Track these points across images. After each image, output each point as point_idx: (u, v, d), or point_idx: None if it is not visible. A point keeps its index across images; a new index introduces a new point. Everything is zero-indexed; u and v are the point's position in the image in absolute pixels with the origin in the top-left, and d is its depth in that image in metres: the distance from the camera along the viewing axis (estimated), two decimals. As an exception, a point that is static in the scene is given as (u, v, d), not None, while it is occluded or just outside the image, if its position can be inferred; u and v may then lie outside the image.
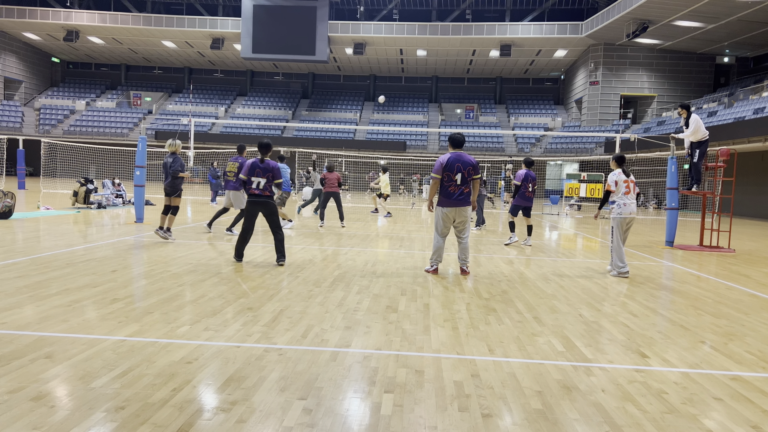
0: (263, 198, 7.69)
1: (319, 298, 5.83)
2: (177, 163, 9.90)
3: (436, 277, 7.33)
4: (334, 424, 2.94)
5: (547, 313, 5.57)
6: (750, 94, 30.83)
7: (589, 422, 3.10)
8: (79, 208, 15.90)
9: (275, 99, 51.90)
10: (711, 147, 14.72)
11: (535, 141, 44.78)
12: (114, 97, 51.66)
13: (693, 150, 11.63)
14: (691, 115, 11.44)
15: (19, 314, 4.69)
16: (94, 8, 46.29)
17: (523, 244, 11.44)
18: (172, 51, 48.89)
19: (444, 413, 3.13)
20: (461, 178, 7.42)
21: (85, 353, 3.83)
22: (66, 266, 6.88)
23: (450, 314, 5.36)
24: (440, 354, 4.15)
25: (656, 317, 5.62)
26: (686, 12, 31.27)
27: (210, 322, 4.73)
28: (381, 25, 42.40)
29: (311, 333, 4.54)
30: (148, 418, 2.90)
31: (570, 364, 4.04)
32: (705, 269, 9.11)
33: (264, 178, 7.68)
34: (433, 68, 50.18)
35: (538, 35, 40.73)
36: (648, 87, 41.02)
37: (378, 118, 49.41)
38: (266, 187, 7.70)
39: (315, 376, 3.60)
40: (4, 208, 12.02)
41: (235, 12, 46.35)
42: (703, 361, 4.28)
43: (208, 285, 6.21)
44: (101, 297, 5.41)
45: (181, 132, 35.06)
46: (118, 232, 10.75)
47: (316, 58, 43.45)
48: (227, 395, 3.25)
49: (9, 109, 46.00)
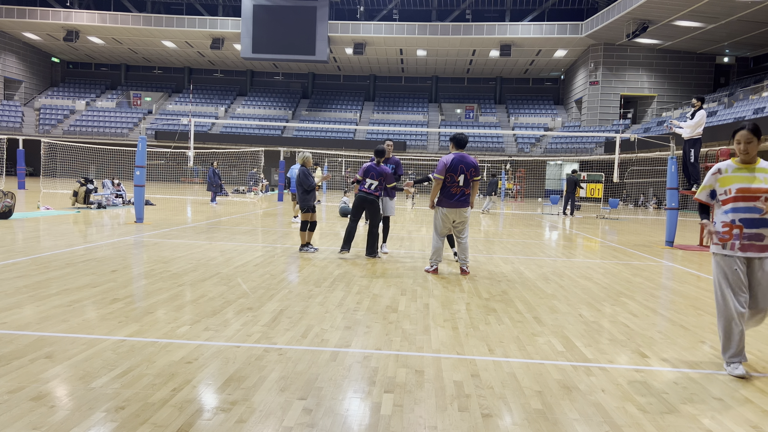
0: (372, 197, 8.63)
1: (319, 298, 5.83)
2: (306, 176, 9.09)
3: (436, 277, 7.33)
4: (334, 424, 2.94)
5: (547, 313, 5.57)
6: (750, 94, 30.84)
7: (589, 422, 3.10)
8: (79, 208, 15.90)
9: (275, 99, 51.91)
10: (711, 147, 14.73)
11: (535, 141, 44.79)
12: (114, 97, 51.66)
13: (688, 150, 11.81)
14: (701, 109, 11.70)
15: (19, 314, 4.69)
16: (94, 8, 46.31)
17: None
18: (172, 51, 48.90)
19: (444, 413, 3.13)
20: (464, 180, 7.43)
21: (85, 353, 3.83)
22: (66, 266, 6.88)
23: (450, 314, 5.36)
24: (440, 354, 4.15)
25: (656, 317, 5.62)
26: (686, 12, 31.28)
27: (210, 322, 4.73)
28: (381, 25, 42.41)
29: (311, 333, 4.54)
30: (148, 418, 2.90)
31: (570, 364, 4.04)
32: (705, 269, 9.11)
33: (377, 181, 8.63)
34: (433, 68, 50.18)
35: (538, 35, 40.74)
36: (648, 87, 41.03)
37: (378, 118, 49.42)
38: (377, 188, 8.65)
39: (315, 376, 3.60)
40: (4, 208, 12.02)
41: (235, 12, 46.36)
42: (703, 361, 4.28)
43: (208, 285, 6.21)
44: (101, 297, 5.41)
45: (181, 132, 35.06)
46: (118, 232, 10.75)
47: (316, 58, 43.46)
48: (227, 395, 3.25)
49: (9, 109, 46.01)
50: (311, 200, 9.12)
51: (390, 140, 9.39)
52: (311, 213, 9.15)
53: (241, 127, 47.83)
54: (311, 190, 9.09)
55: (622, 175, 30.03)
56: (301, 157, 9.21)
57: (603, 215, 23.30)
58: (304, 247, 9.12)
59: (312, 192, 9.12)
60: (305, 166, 9.20)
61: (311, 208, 9.11)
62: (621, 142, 20.72)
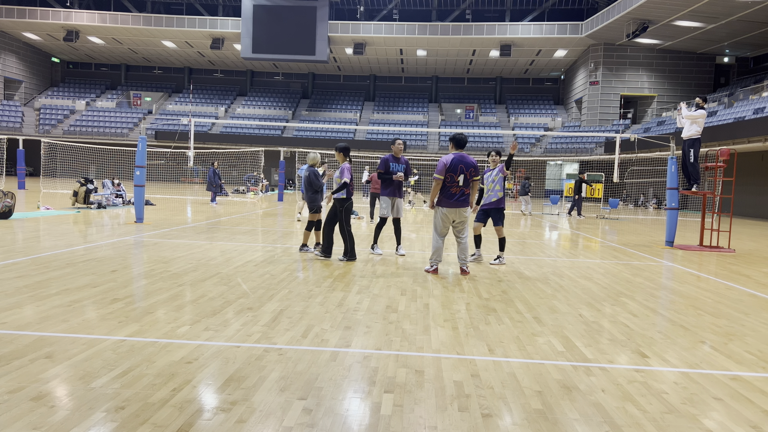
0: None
1: (319, 298, 5.82)
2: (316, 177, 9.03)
3: (436, 277, 7.33)
4: (334, 424, 2.94)
5: (547, 313, 5.57)
6: (750, 94, 30.82)
7: (589, 422, 3.10)
8: (79, 208, 15.90)
9: (275, 99, 51.90)
10: (711, 147, 14.74)
11: (535, 141, 44.78)
12: (114, 97, 51.66)
13: (688, 150, 11.85)
14: (702, 108, 11.91)
15: (19, 314, 4.69)
16: (94, 8, 46.30)
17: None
18: (172, 51, 48.89)
19: (444, 413, 3.13)
20: (463, 180, 7.43)
21: (85, 353, 3.83)
22: (66, 266, 6.88)
23: (450, 314, 5.36)
24: (440, 354, 4.15)
25: (656, 317, 5.62)
26: (686, 12, 31.27)
27: (210, 322, 4.73)
28: (381, 25, 42.41)
29: (311, 333, 4.54)
30: (148, 418, 2.90)
31: (570, 364, 4.04)
32: (705, 269, 9.11)
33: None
34: (433, 68, 50.17)
35: (538, 35, 40.74)
36: (648, 87, 41.02)
37: (378, 118, 49.42)
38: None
39: (315, 376, 3.60)
40: (4, 208, 12.02)
41: (235, 12, 46.35)
42: (703, 361, 4.28)
43: (208, 285, 6.21)
44: (101, 297, 5.41)
45: (181, 132, 35.04)
46: (118, 232, 10.75)
47: (316, 58, 43.45)
48: (227, 395, 3.25)
49: (9, 109, 46.01)
50: (319, 200, 9.13)
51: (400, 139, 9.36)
52: (319, 213, 9.18)
53: (241, 127, 47.82)
54: (319, 191, 9.08)
55: (622, 175, 30.03)
56: (311, 158, 9.13)
57: (603, 215, 23.30)
58: (304, 247, 9.11)
59: (321, 192, 9.13)
60: (314, 166, 9.13)
61: (319, 208, 9.14)
62: (621, 142, 20.71)
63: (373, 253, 9.20)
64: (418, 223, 15.96)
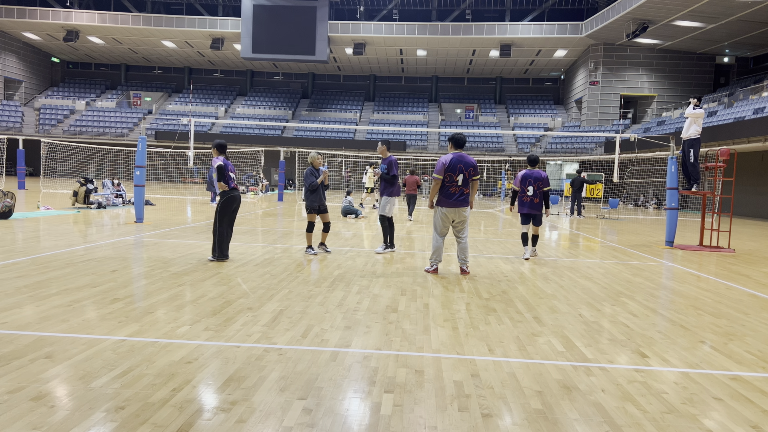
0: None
1: (319, 298, 5.83)
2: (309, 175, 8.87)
3: (436, 277, 7.33)
4: (334, 424, 2.94)
5: (547, 313, 5.57)
6: (750, 94, 30.82)
7: (589, 422, 3.10)
8: (79, 208, 15.89)
9: (275, 99, 51.90)
10: (711, 147, 14.74)
11: (535, 141, 44.78)
12: (114, 97, 51.65)
13: (688, 150, 11.88)
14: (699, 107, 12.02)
15: (19, 314, 4.69)
16: (94, 8, 46.27)
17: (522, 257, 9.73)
18: (172, 51, 48.88)
19: (444, 413, 3.13)
20: (462, 179, 7.43)
21: (85, 353, 3.83)
22: (66, 266, 6.88)
23: (450, 314, 5.36)
24: (440, 354, 4.15)
25: (656, 317, 5.62)
26: (686, 12, 31.27)
27: (210, 322, 4.73)
28: (381, 25, 42.40)
29: (311, 333, 4.54)
30: (148, 418, 2.90)
31: (570, 364, 4.04)
32: (705, 269, 9.11)
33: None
34: (433, 68, 50.17)
35: (538, 35, 40.73)
36: (648, 87, 41.01)
37: (378, 118, 49.41)
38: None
39: (315, 376, 3.60)
40: (4, 208, 12.02)
41: (235, 12, 46.34)
42: (703, 361, 4.28)
43: (208, 285, 6.21)
44: (101, 297, 5.41)
45: (181, 132, 35.05)
46: (118, 232, 10.75)
47: (316, 58, 43.44)
48: (227, 395, 3.25)
49: (9, 109, 45.99)
50: (315, 201, 8.92)
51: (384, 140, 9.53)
52: (314, 214, 8.95)
53: (241, 127, 47.81)
54: (314, 190, 8.90)
55: (622, 175, 30.03)
56: (310, 157, 9.01)
57: (603, 215, 23.30)
58: (309, 248, 8.98)
59: (316, 192, 8.91)
60: (312, 165, 8.96)
61: (313, 208, 8.94)
62: (621, 142, 20.71)
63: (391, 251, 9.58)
64: (417, 222, 15.95)
